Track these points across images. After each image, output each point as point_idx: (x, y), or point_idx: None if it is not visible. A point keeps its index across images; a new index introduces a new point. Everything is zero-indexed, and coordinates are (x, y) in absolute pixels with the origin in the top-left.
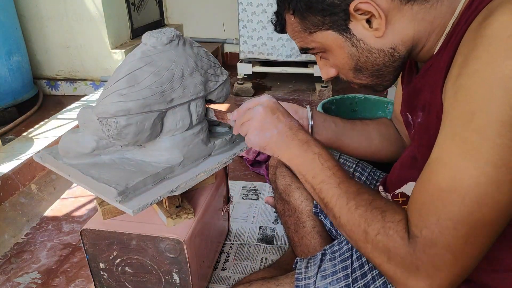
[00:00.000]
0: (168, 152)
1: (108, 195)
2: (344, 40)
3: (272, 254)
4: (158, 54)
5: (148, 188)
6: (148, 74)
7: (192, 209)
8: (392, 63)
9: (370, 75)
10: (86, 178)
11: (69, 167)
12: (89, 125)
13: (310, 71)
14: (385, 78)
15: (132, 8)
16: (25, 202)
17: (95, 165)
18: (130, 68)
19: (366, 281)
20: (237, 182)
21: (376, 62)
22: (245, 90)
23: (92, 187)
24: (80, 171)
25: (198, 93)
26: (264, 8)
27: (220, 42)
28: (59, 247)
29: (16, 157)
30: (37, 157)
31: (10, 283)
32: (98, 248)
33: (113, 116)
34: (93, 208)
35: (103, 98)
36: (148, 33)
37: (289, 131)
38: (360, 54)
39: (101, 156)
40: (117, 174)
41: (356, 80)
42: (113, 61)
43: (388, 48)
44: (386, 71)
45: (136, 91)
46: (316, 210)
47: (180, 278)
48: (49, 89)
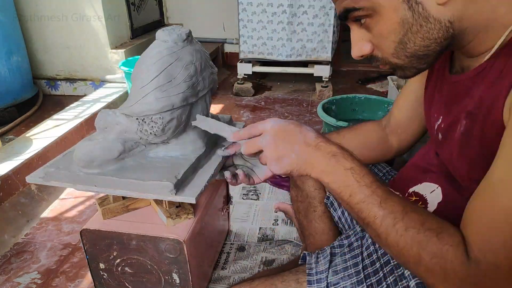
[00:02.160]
0: (193, 143)
1: (161, 191)
2: (402, 0)
3: (272, 254)
4: (181, 49)
5: (191, 178)
6: (180, 69)
7: (192, 209)
8: (442, 41)
9: (412, 54)
10: (125, 182)
11: (95, 176)
12: (112, 129)
13: (310, 71)
14: (423, 61)
15: (132, 8)
16: (25, 202)
17: (124, 169)
18: (162, 65)
19: (378, 278)
20: None
21: (427, 35)
22: (245, 90)
23: (136, 189)
24: (115, 177)
25: (210, 85)
26: (264, 8)
27: (220, 42)
28: (59, 247)
29: (16, 157)
30: (35, 177)
31: (10, 283)
32: (98, 248)
33: (159, 112)
34: (93, 208)
35: (142, 97)
36: (164, 30)
37: (308, 148)
38: (414, 22)
39: (125, 160)
40: (156, 172)
41: (393, 58)
42: (113, 61)
43: (446, 20)
44: (431, 50)
45: (175, 85)
46: (327, 201)
47: (180, 278)
48: (49, 89)
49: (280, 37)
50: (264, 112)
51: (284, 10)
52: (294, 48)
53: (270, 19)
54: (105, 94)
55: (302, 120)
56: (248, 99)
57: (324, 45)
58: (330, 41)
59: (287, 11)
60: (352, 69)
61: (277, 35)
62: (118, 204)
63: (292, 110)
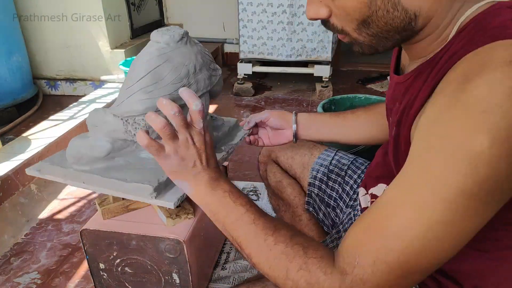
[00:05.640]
0: None
1: (142, 193)
2: None
3: None
4: (173, 51)
5: None
6: (168, 71)
7: (192, 209)
8: (402, 31)
9: (373, 34)
10: (109, 181)
11: (83, 173)
12: (101, 128)
13: (310, 71)
14: (382, 44)
15: (132, 8)
16: (25, 202)
17: (112, 168)
18: (150, 66)
19: None
20: (237, 182)
21: (391, 22)
22: (245, 90)
23: (119, 189)
24: (100, 176)
25: (207, 87)
26: (264, 8)
27: (220, 42)
28: (59, 247)
29: (16, 157)
30: (33, 170)
31: (10, 283)
32: (98, 248)
33: (142, 114)
34: (93, 208)
35: (126, 97)
36: (158, 31)
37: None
38: (381, 7)
39: (115, 159)
40: (141, 173)
41: (354, 34)
42: (113, 61)
43: (412, 12)
44: (391, 37)
45: (161, 87)
46: (308, 206)
47: (180, 278)
48: (49, 89)
49: (280, 37)
50: None
51: (284, 10)
52: (294, 48)
53: (270, 19)
54: (105, 94)
55: None
56: (248, 99)
57: (324, 45)
58: (330, 41)
59: (287, 11)
60: (352, 69)
61: (277, 35)
62: (118, 204)
63: (292, 110)
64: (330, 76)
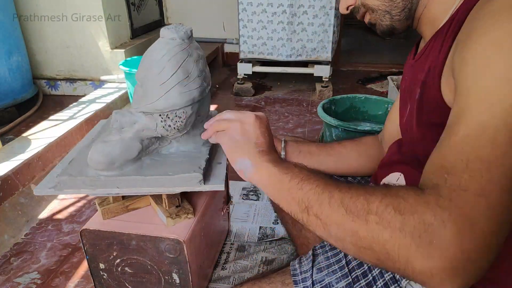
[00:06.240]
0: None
1: (190, 183)
2: None
3: (272, 254)
4: (189, 46)
5: (210, 169)
6: (193, 65)
7: (192, 209)
8: None
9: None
10: (151, 179)
11: (116, 178)
12: (129, 128)
13: (310, 71)
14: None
15: (132, 8)
16: (25, 202)
17: (144, 167)
18: (178, 61)
19: (363, 270)
20: (237, 182)
21: None
22: (245, 90)
23: (164, 185)
24: (140, 176)
25: (210, 81)
26: (264, 8)
27: (220, 42)
28: (58, 247)
29: (16, 157)
30: (45, 188)
31: (10, 283)
32: (97, 248)
33: (183, 107)
34: (93, 208)
35: (165, 93)
36: (168, 28)
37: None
38: None
39: (141, 159)
40: (178, 166)
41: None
42: (113, 61)
43: None
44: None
45: (191, 80)
46: None
47: (180, 278)
48: (49, 89)
49: (280, 37)
50: (264, 112)
51: (284, 10)
52: (294, 48)
53: (270, 19)
54: (105, 94)
55: (302, 120)
56: (248, 99)
57: (324, 45)
58: (330, 41)
59: (287, 11)
60: (352, 69)
61: (277, 35)
62: (118, 204)
63: (292, 110)
64: (330, 76)
